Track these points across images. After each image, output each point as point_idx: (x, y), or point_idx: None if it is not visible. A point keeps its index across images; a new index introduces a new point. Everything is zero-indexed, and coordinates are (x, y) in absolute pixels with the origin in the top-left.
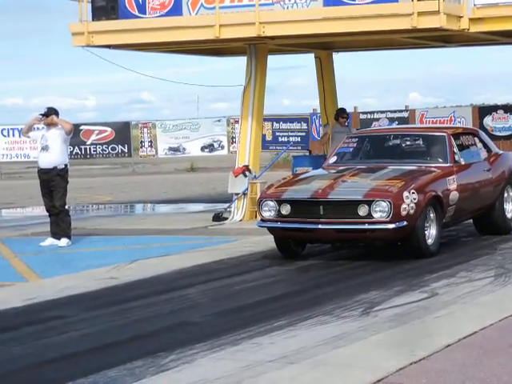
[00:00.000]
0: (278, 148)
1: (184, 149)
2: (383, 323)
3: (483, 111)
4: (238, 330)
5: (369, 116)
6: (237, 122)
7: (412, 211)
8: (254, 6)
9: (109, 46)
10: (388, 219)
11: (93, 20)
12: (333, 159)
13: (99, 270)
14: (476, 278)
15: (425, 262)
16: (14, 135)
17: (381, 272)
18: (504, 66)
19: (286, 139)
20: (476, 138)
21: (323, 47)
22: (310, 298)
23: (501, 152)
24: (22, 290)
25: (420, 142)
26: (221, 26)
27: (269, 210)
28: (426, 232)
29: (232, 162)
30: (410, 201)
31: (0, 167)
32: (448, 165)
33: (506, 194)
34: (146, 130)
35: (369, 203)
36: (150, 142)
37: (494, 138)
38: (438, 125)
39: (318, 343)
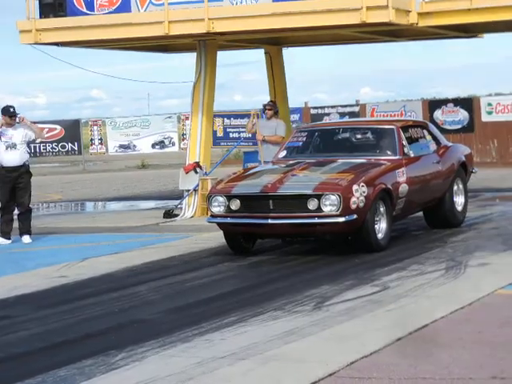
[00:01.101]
0: (229, 144)
1: (135, 146)
2: (335, 317)
3: (433, 105)
4: (189, 326)
5: (319, 111)
6: (187, 118)
7: (362, 204)
8: (202, 2)
9: (57, 44)
10: (338, 213)
11: (40, 17)
12: (282, 153)
13: (49, 268)
14: (427, 271)
15: (376, 256)
16: None
17: (332, 266)
18: (453, 60)
19: (236, 135)
20: (425, 131)
21: (273, 42)
22: (262, 293)
23: (450, 144)
24: None
25: (369, 135)
26: (170, 22)
27: (218, 206)
28: (376, 226)
29: (183, 158)
30: (359, 194)
31: None
32: (397, 157)
33: (455, 187)
34: (96, 127)
35: (318, 197)
36: (101, 139)
37: (444, 131)
38: (387, 118)
39: (269, 339)
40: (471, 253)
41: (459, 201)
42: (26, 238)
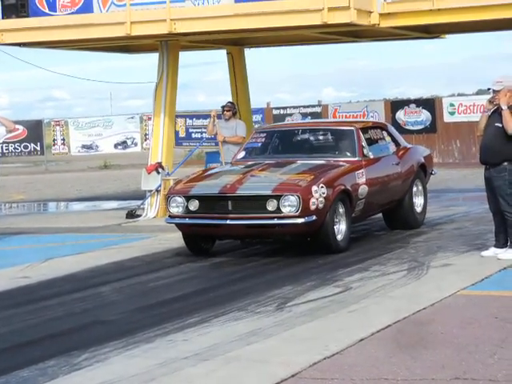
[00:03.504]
0: (192, 144)
1: (97, 146)
2: (297, 318)
3: (395, 105)
4: (152, 327)
5: (282, 111)
6: (150, 118)
7: (321, 205)
8: (165, 2)
9: (19, 44)
10: (297, 214)
11: (3, 18)
12: (241, 154)
13: (12, 269)
14: (389, 272)
15: (338, 257)
16: None
17: (294, 267)
18: (415, 61)
19: (199, 135)
20: (384, 132)
21: (236, 43)
22: (224, 294)
23: (410, 146)
24: None
25: (329, 136)
26: (132, 23)
27: (177, 206)
28: (335, 227)
29: (145, 158)
30: (318, 195)
31: None
32: (356, 159)
33: (415, 188)
34: (58, 127)
35: (277, 198)
36: (63, 139)
37: (406, 132)
38: (347, 119)
39: (231, 339)
40: (434, 253)
41: (418, 202)
42: None
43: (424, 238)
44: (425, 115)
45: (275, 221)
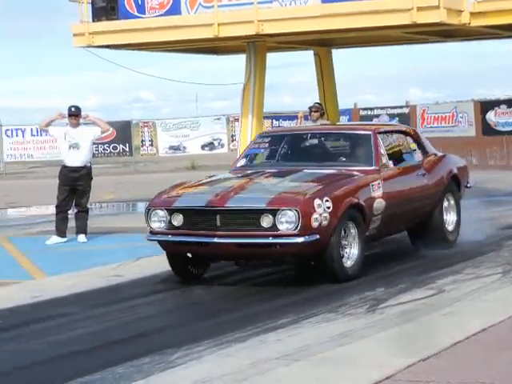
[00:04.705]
0: None
1: (184, 147)
2: (389, 320)
3: (485, 106)
4: (244, 327)
5: (369, 112)
6: (237, 120)
7: (325, 222)
8: (252, 3)
9: (109, 46)
10: (296, 231)
11: (93, 21)
12: (241, 162)
13: (104, 267)
14: (483, 275)
15: (429, 259)
16: (17, 135)
17: (386, 269)
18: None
19: None
20: (409, 138)
21: (322, 44)
22: (314, 295)
23: (441, 154)
24: (28, 288)
25: (341, 141)
26: (219, 24)
27: (158, 221)
28: (346, 250)
29: (232, 159)
30: (322, 210)
31: (4, 167)
32: (372, 168)
33: (446, 203)
34: (146, 129)
35: (273, 212)
36: (151, 140)
37: (497, 133)
38: (364, 122)
39: (323, 340)
40: None
41: (450, 219)
42: (82, 237)
43: None
44: None
45: (270, 240)
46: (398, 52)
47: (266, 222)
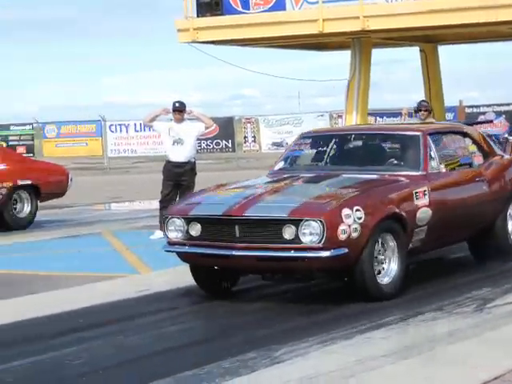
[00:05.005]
0: None
1: (287, 144)
2: (497, 320)
3: None
4: (349, 323)
5: (475, 110)
6: (340, 116)
7: (356, 234)
8: None
9: (213, 42)
10: (320, 245)
11: (197, 16)
12: (279, 165)
13: None
14: None
15: None
16: (121, 131)
17: (492, 269)
18: None
19: None
20: (468, 139)
21: (428, 40)
22: (420, 294)
23: (509, 157)
24: (134, 282)
25: (388, 143)
26: (324, 20)
27: (176, 230)
28: (383, 265)
29: None
30: (352, 220)
31: (108, 162)
32: (419, 173)
33: (510, 211)
34: (249, 125)
35: (296, 223)
36: (254, 137)
37: None
38: (415, 122)
39: (430, 339)
40: None
41: None
42: None
43: None
44: None
45: (292, 253)
46: (506, 48)
47: (288, 233)
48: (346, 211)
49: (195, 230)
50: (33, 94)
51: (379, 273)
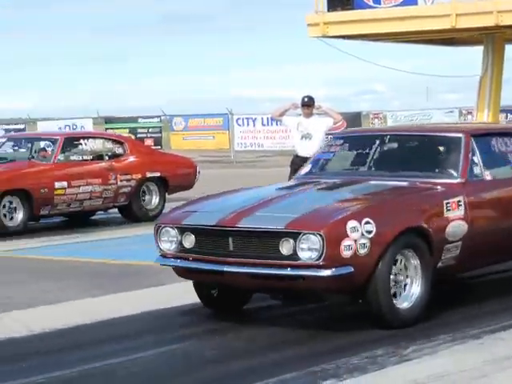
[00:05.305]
0: None
1: None
2: None
3: None
4: (478, 324)
5: None
6: (469, 113)
7: (364, 251)
8: None
9: (343, 37)
10: (320, 262)
11: (328, 11)
12: (306, 168)
13: None
14: None
15: None
16: (248, 125)
17: None
18: None
19: None
20: None
21: None
22: None
23: None
24: None
25: (426, 146)
26: (457, 15)
27: (169, 242)
28: (403, 287)
29: None
30: (359, 234)
31: (234, 156)
32: (456, 181)
33: None
34: (377, 120)
35: (294, 236)
36: None
37: None
38: (460, 122)
39: None
40: None
41: None
42: None
43: None
44: None
45: (288, 271)
46: None
47: (285, 248)
48: (352, 223)
49: (189, 241)
50: (160, 86)
51: (395, 295)
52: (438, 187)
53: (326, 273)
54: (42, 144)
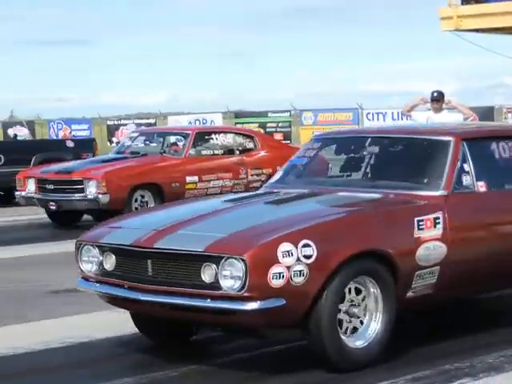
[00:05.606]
0: None
1: None
2: None
3: None
4: None
5: None
6: None
7: (300, 280)
8: None
9: (477, 30)
10: (243, 293)
11: (462, 4)
12: (276, 176)
13: None
14: None
15: None
16: (378, 119)
17: None
18: None
19: None
20: None
21: None
22: None
23: None
24: None
25: (411, 151)
26: None
27: (90, 262)
28: (356, 322)
29: None
30: (294, 259)
31: None
32: (437, 193)
33: None
34: (510, 115)
35: (217, 261)
36: None
37: None
38: (454, 124)
39: None
40: None
41: None
42: None
43: None
44: None
45: (208, 302)
46: None
47: (207, 274)
48: (284, 246)
49: (110, 262)
50: (289, 80)
51: (351, 332)
52: (416, 200)
53: (251, 306)
54: (174, 138)
